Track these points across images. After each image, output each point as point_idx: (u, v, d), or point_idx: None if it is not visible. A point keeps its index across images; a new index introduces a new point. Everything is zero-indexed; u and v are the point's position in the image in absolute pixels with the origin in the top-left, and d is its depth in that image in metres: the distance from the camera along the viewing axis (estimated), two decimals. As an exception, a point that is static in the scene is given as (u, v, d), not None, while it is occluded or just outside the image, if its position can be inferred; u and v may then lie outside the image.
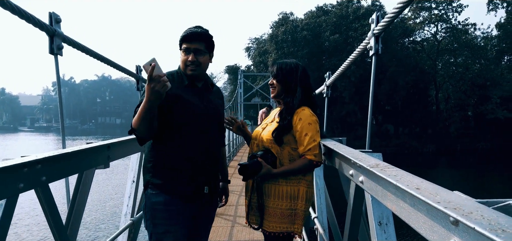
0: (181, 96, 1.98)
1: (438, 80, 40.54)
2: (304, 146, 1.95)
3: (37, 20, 2.24)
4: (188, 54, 2.02)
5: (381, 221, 1.45)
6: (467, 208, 0.69)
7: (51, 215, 1.78)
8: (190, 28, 2.06)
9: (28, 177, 1.55)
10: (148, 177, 2.00)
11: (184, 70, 2.06)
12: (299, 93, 2.04)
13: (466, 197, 0.78)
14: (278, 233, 1.96)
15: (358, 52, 2.76)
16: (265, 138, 2.04)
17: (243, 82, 31.96)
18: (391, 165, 1.20)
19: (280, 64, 2.13)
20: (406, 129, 39.11)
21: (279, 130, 1.98)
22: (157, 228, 1.93)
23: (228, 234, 4.55)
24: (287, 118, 1.99)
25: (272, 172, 1.94)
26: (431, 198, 0.79)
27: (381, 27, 2.31)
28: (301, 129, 1.96)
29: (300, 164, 1.96)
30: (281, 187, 1.98)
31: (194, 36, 2.02)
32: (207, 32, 2.06)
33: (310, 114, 2.01)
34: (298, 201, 1.98)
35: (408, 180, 0.97)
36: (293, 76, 2.07)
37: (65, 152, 1.82)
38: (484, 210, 0.68)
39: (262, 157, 1.95)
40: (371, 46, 2.43)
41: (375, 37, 2.40)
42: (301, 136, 1.96)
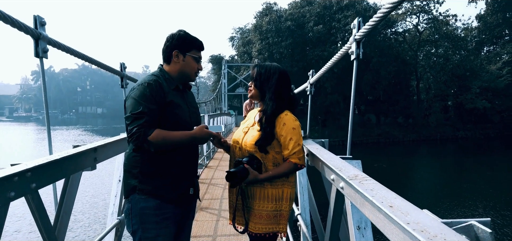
0: (173, 100, 2.02)
1: (419, 71, 41.31)
2: (289, 150, 2.00)
3: (22, 24, 2.24)
4: (198, 62, 2.16)
5: (359, 226, 1.55)
6: (433, 230, 0.78)
7: (41, 220, 1.81)
8: (198, 38, 2.17)
9: (19, 186, 1.58)
10: (134, 182, 1.98)
11: (188, 76, 2.15)
12: (272, 100, 2.07)
13: (433, 217, 0.86)
14: (265, 234, 2.03)
15: (340, 55, 2.84)
16: (249, 144, 2.07)
17: (227, 72, 31.83)
18: (369, 177, 1.28)
19: (259, 69, 2.16)
20: (388, 119, 39.81)
21: (263, 141, 2.02)
22: (147, 233, 1.96)
23: (213, 228, 4.62)
24: (268, 128, 2.03)
25: (259, 177, 1.98)
26: (402, 218, 0.87)
27: (362, 33, 2.39)
28: (285, 133, 2.00)
29: (285, 167, 2.01)
30: (266, 189, 2.03)
31: (203, 47, 2.19)
32: None
33: (294, 119, 2.06)
34: (282, 202, 2.04)
35: (383, 196, 1.05)
36: (269, 83, 2.11)
37: (53, 158, 1.85)
38: (447, 233, 0.76)
39: (248, 163, 1.98)
40: (352, 51, 2.51)
41: (357, 42, 2.48)
42: (285, 141, 2.00)
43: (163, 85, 2.00)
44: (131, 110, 1.89)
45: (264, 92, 2.12)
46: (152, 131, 1.87)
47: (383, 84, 36.10)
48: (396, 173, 20.78)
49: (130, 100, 1.93)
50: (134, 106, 1.89)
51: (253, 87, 2.17)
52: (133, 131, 1.85)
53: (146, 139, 1.85)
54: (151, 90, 1.93)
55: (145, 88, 1.93)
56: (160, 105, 1.95)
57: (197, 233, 4.39)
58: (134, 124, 1.86)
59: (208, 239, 4.21)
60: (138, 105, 1.88)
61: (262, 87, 2.13)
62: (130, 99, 1.93)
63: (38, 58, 2.43)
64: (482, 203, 13.50)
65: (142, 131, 1.85)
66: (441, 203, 13.55)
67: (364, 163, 2.07)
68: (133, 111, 1.88)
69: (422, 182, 18.57)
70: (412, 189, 16.61)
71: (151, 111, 1.90)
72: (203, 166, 8.97)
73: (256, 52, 35.79)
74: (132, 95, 1.94)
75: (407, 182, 18.42)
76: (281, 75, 2.14)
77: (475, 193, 15.05)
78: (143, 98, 1.90)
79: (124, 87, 4.16)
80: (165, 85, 2.02)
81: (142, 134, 1.85)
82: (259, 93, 2.15)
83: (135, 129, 1.85)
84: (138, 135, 1.84)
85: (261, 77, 2.13)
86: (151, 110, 1.90)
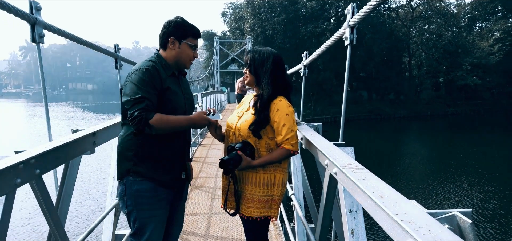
0: (169, 87, 2.06)
1: (411, 47, 41.45)
2: (282, 136, 2.01)
3: (19, 10, 2.24)
4: (194, 50, 2.19)
5: (351, 209, 1.64)
6: (419, 221, 0.86)
7: (45, 204, 1.87)
8: (195, 25, 2.19)
9: (24, 172, 1.63)
10: (128, 165, 2.03)
11: (183, 63, 2.17)
12: (268, 85, 2.09)
13: (419, 208, 0.94)
14: (256, 218, 2.09)
15: (334, 40, 2.88)
16: (242, 129, 2.09)
17: (219, 49, 31.57)
18: (361, 166, 1.36)
19: (253, 54, 2.17)
20: (380, 95, 40.12)
21: (257, 125, 2.04)
22: (141, 213, 2.04)
23: (209, 206, 4.73)
24: (263, 112, 2.05)
25: (252, 163, 2.01)
26: (391, 208, 0.95)
27: (356, 20, 2.44)
28: (279, 119, 2.01)
29: (278, 154, 2.03)
30: (258, 174, 2.06)
31: (199, 34, 2.21)
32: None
33: (287, 105, 2.07)
34: (274, 187, 2.08)
35: (374, 186, 1.12)
36: (264, 67, 2.12)
37: (55, 145, 1.89)
38: (431, 224, 0.84)
39: (241, 149, 2.00)
40: (346, 37, 2.56)
41: (350, 28, 2.52)
42: (279, 127, 2.02)
43: (160, 72, 2.03)
44: (131, 95, 1.92)
45: (259, 77, 2.13)
46: (153, 115, 1.91)
47: (376, 61, 36.19)
48: (385, 150, 21.13)
49: (129, 85, 1.95)
50: (133, 91, 1.92)
51: (249, 73, 2.17)
52: (135, 115, 1.88)
53: (147, 123, 1.89)
54: (149, 75, 1.96)
55: (144, 74, 1.95)
56: (158, 91, 1.99)
57: (193, 211, 4.50)
58: (134, 108, 1.89)
59: (203, 217, 4.32)
60: (138, 90, 1.91)
61: (257, 72, 2.14)
62: (129, 84, 1.95)
63: (35, 43, 2.43)
64: (467, 179, 13.86)
65: (144, 115, 1.88)
66: (427, 179, 13.88)
67: (355, 138, 2.14)
68: (133, 96, 1.91)
69: (410, 158, 18.93)
70: (399, 166, 16.94)
71: (150, 95, 1.94)
72: (197, 144, 9.04)
73: (248, 28, 35.43)
74: (131, 80, 1.96)
75: (395, 159, 18.76)
76: (276, 59, 2.14)
77: (459, 170, 15.42)
78: (142, 83, 1.93)
79: (119, 69, 4.16)
80: (162, 71, 2.05)
81: (144, 117, 1.88)
82: (255, 78, 2.16)
83: (137, 112, 1.88)
84: (140, 119, 1.88)
85: (255, 62, 2.14)
86: (150, 94, 1.94)
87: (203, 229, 3.93)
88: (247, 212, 2.09)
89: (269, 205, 2.08)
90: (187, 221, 4.11)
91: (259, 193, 2.06)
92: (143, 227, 2.04)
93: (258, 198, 2.06)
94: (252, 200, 2.07)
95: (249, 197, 2.08)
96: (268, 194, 2.07)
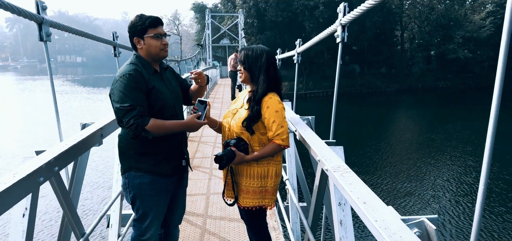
0: (154, 86, 2.14)
1: (404, 21, 41.39)
2: (273, 132, 2.13)
3: (27, 12, 2.34)
4: (161, 38, 2.19)
5: (340, 202, 1.85)
6: (393, 227, 1.06)
7: (63, 196, 2.06)
8: (151, 16, 2.19)
9: (46, 172, 1.81)
10: (130, 162, 2.18)
11: (156, 55, 2.20)
12: (264, 81, 2.18)
13: (395, 215, 1.14)
14: (251, 208, 2.25)
15: (326, 35, 3.04)
16: (236, 125, 2.21)
17: (210, 23, 31.25)
18: (349, 169, 1.56)
19: (246, 51, 2.24)
20: (372, 69, 40.29)
21: (249, 120, 2.15)
22: (144, 203, 2.22)
23: (206, 186, 4.95)
24: (255, 107, 2.16)
25: (245, 158, 2.16)
26: (372, 215, 1.15)
27: (347, 20, 2.58)
28: (269, 116, 2.12)
29: (270, 148, 2.16)
30: (253, 168, 2.20)
31: (160, 21, 2.21)
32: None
33: (277, 102, 2.17)
34: (268, 179, 2.22)
35: (359, 192, 1.33)
36: (257, 64, 2.20)
37: (72, 144, 2.07)
38: (403, 230, 1.05)
39: (235, 145, 2.13)
40: (338, 35, 2.71)
41: (342, 26, 2.67)
42: (269, 123, 2.13)
43: (143, 73, 2.11)
44: (121, 104, 2.00)
45: (253, 74, 2.22)
46: (148, 120, 2.02)
47: (368, 34, 36.15)
48: (375, 125, 21.52)
49: (117, 93, 2.03)
50: (122, 100, 2.00)
51: (243, 70, 2.25)
52: (131, 122, 1.98)
53: (144, 129, 2.01)
54: (133, 80, 2.04)
55: (128, 80, 2.03)
56: (144, 93, 2.08)
57: (191, 192, 4.72)
58: (128, 116, 1.98)
59: (202, 197, 4.54)
60: (126, 98, 2.00)
61: (251, 69, 2.21)
62: (117, 92, 2.03)
63: (43, 42, 2.55)
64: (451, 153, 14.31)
65: (140, 122, 1.98)
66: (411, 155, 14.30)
67: (346, 113, 2.32)
68: (123, 105, 1.99)
69: (399, 133, 19.34)
70: (387, 141, 17.35)
71: (139, 101, 2.03)
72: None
73: (240, 0, 35.00)
74: (118, 88, 2.03)
75: (383, 133, 19.16)
76: (269, 56, 2.23)
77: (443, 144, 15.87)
78: (128, 90, 2.01)
79: (117, 56, 4.27)
80: (144, 72, 2.13)
81: (139, 124, 1.98)
82: (249, 75, 2.24)
83: (132, 120, 1.98)
84: (136, 126, 1.98)
85: (249, 59, 2.21)
86: (139, 99, 2.03)
87: (202, 209, 4.16)
88: (243, 203, 2.26)
89: (263, 195, 2.24)
90: (187, 201, 4.32)
91: (253, 185, 2.22)
92: (146, 214, 2.24)
93: (253, 189, 2.22)
94: (247, 191, 2.24)
95: (245, 189, 2.24)
96: (262, 186, 2.23)
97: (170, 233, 2.55)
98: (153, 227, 2.28)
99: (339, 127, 17.91)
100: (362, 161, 13.36)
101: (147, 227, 2.25)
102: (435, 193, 10.20)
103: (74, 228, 2.22)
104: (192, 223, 3.83)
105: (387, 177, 11.64)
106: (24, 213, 1.72)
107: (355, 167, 12.46)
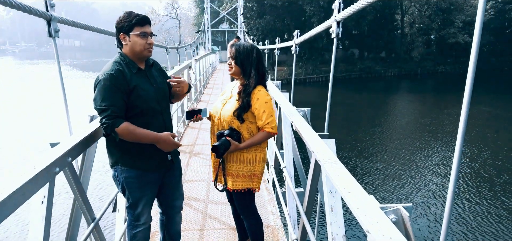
0: (136, 85, 2.18)
1: (404, 4, 41.16)
2: (263, 121, 2.36)
3: (36, 10, 2.47)
4: (146, 37, 2.21)
5: (331, 190, 2.02)
6: (373, 215, 1.22)
7: (76, 186, 2.22)
8: (139, 14, 2.23)
9: (61, 162, 1.97)
10: (116, 157, 2.29)
11: (140, 54, 2.22)
12: (254, 75, 2.39)
13: (374, 203, 1.30)
14: (241, 190, 2.47)
15: (322, 29, 3.17)
16: (227, 115, 2.42)
17: (209, 7, 31.13)
18: (338, 162, 1.72)
19: (237, 47, 2.42)
20: (371, 53, 40.28)
21: (240, 110, 2.36)
22: (133, 194, 2.36)
23: (207, 173, 5.12)
24: (246, 99, 2.36)
25: (239, 146, 2.37)
26: (355, 203, 1.31)
27: (342, 16, 2.72)
28: (259, 107, 2.35)
29: (260, 136, 2.40)
30: (242, 154, 2.43)
31: (147, 20, 2.24)
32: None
33: (266, 94, 2.41)
34: (256, 164, 2.46)
35: (346, 182, 1.49)
36: (249, 59, 2.40)
37: (83, 136, 2.22)
38: (381, 217, 1.21)
39: (229, 135, 2.35)
40: (333, 30, 2.85)
41: (337, 22, 2.81)
42: (259, 113, 2.36)
43: (125, 72, 2.15)
44: (98, 103, 2.08)
45: (245, 68, 2.41)
46: (120, 122, 2.08)
47: (368, 19, 36.04)
48: (371, 109, 21.69)
49: (96, 93, 2.10)
50: (99, 100, 2.08)
51: (234, 64, 2.45)
52: (102, 121, 2.07)
53: (113, 130, 2.10)
54: (113, 81, 2.08)
55: (108, 80, 2.08)
56: (124, 93, 2.12)
57: (193, 178, 4.90)
58: (102, 115, 2.07)
59: (203, 183, 4.72)
60: (103, 99, 2.06)
61: (243, 64, 2.41)
62: (97, 92, 2.10)
63: (51, 38, 2.68)
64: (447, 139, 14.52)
65: (110, 123, 2.06)
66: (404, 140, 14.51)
67: (343, 99, 2.50)
68: (99, 105, 2.07)
69: (394, 119, 19.53)
70: (381, 126, 17.53)
71: (115, 101, 2.08)
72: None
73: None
74: (98, 88, 2.09)
75: (378, 119, 19.34)
76: (258, 51, 2.46)
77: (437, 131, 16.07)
78: (106, 90, 2.06)
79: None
80: (126, 71, 2.16)
81: (110, 125, 2.06)
82: (240, 69, 2.43)
83: (104, 119, 2.06)
84: (106, 126, 2.06)
85: (240, 55, 2.40)
86: (116, 100, 2.08)
87: (203, 195, 4.35)
88: (233, 186, 2.48)
89: (251, 178, 2.48)
90: (188, 187, 4.51)
91: (243, 169, 2.46)
92: (136, 203, 2.39)
93: (242, 173, 2.46)
94: (237, 175, 2.47)
95: (235, 173, 2.47)
96: (251, 170, 2.47)
97: (171, 218, 2.70)
98: (146, 213, 2.45)
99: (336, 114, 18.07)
100: (355, 145, 13.59)
101: (140, 213, 2.41)
102: (422, 178, 10.43)
103: (85, 213, 2.38)
104: (193, 207, 4.01)
105: (378, 162, 11.88)
106: (43, 200, 1.88)
107: (349, 152, 12.69)
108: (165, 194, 2.59)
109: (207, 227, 3.60)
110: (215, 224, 3.66)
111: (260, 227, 2.63)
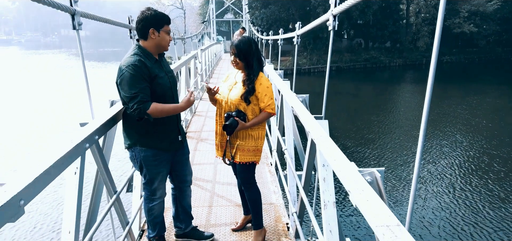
0: (156, 74, 2.50)
1: (410, -7, 40.97)
2: (264, 103, 2.78)
3: (61, 5, 2.75)
4: (169, 34, 2.61)
5: (324, 164, 2.32)
6: (352, 177, 1.52)
7: (101, 161, 2.54)
8: (165, 14, 2.59)
9: (89, 139, 2.28)
10: (135, 139, 2.60)
11: (164, 48, 2.59)
12: (256, 64, 2.80)
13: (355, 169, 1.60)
14: (246, 162, 2.86)
15: (319, 23, 3.43)
16: (234, 98, 2.80)
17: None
18: (329, 139, 2.01)
19: (237, 45, 2.77)
20: (376, 43, 40.21)
21: (247, 94, 2.75)
22: (149, 171, 2.69)
23: (213, 156, 5.42)
24: (251, 85, 2.75)
25: (245, 125, 2.77)
26: (340, 172, 1.60)
27: (338, 11, 2.98)
28: (262, 91, 2.77)
29: (263, 116, 2.81)
30: (248, 132, 2.83)
31: (170, 21, 2.62)
32: None
33: (267, 80, 2.83)
34: (259, 140, 2.88)
35: (333, 153, 1.78)
36: (250, 53, 2.77)
37: (109, 117, 2.53)
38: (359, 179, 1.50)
39: (237, 116, 2.73)
40: (329, 23, 3.11)
41: (333, 16, 3.07)
42: (262, 96, 2.77)
43: (146, 63, 2.44)
44: (127, 92, 2.36)
45: (248, 61, 2.78)
46: (149, 104, 2.39)
47: (374, 8, 35.94)
48: (374, 99, 21.85)
49: (123, 83, 2.38)
50: (128, 88, 2.36)
51: (239, 60, 2.81)
52: (134, 108, 2.36)
53: (146, 112, 2.41)
54: (138, 70, 2.37)
55: (133, 70, 2.36)
56: (148, 80, 2.43)
57: (201, 161, 5.22)
58: (132, 102, 2.36)
59: (210, 165, 5.04)
60: (131, 87, 2.35)
61: (246, 58, 2.77)
62: (124, 82, 2.38)
63: (75, 30, 2.98)
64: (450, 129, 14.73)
65: (142, 107, 2.36)
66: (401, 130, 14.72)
67: (346, 89, 2.79)
68: (129, 93, 2.36)
69: (395, 108, 19.71)
70: (380, 116, 17.73)
71: (143, 89, 2.38)
72: (198, 99, 9.66)
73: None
74: (124, 78, 2.37)
75: (379, 108, 19.54)
76: (255, 43, 2.85)
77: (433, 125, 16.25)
78: (133, 80, 2.35)
79: (133, 38, 4.68)
80: (147, 62, 2.46)
81: (142, 109, 2.37)
82: (244, 63, 2.79)
83: (135, 105, 2.35)
84: (139, 111, 2.37)
85: (243, 51, 2.76)
86: (142, 88, 2.37)
87: (211, 176, 4.67)
88: (239, 159, 2.86)
89: (255, 153, 2.90)
90: (197, 169, 4.83)
91: (249, 145, 2.86)
92: (152, 179, 2.75)
93: (247, 148, 2.86)
94: (243, 150, 2.86)
95: (241, 148, 2.86)
96: (255, 145, 2.87)
97: (183, 191, 3.06)
98: (161, 188, 2.82)
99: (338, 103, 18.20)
100: (351, 134, 13.80)
101: (156, 188, 2.78)
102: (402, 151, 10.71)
103: (108, 185, 2.70)
104: (202, 187, 4.34)
105: (372, 147, 12.14)
106: (76, 171, 2.19)
107: (345, 139, 12.94)
108: (177, 171, 2.95)
109: (215, 204, 3.92)
110: (222, 201, 3.98)
111: (259, 198, 3.01)
